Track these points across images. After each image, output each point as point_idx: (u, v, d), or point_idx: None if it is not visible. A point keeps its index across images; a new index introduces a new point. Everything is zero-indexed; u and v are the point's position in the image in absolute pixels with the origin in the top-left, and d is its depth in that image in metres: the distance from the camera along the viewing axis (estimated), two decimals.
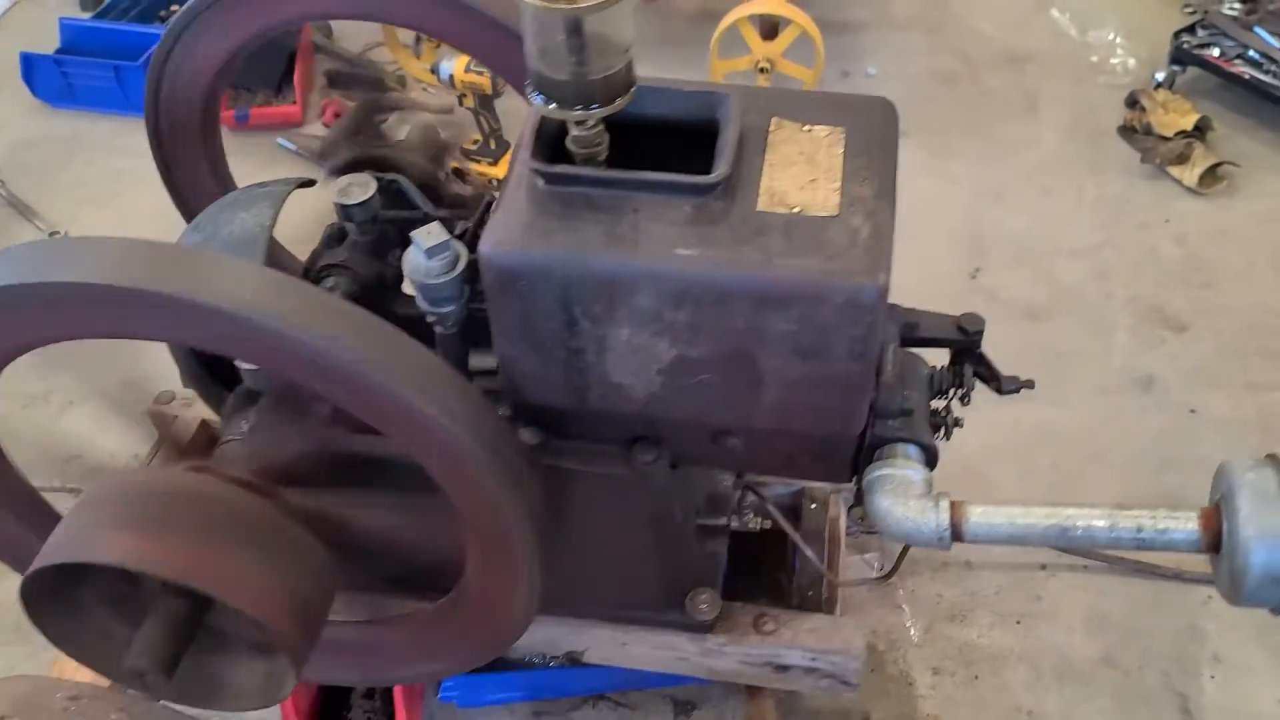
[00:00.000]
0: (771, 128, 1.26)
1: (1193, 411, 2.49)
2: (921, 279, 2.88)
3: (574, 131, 1.22)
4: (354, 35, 3.65)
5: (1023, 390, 1.53)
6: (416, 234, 1.23)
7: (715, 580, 1.64)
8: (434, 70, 2.96)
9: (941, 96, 3.39)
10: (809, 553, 1.56)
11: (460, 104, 3.02)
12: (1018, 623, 2.17)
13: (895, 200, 1.26)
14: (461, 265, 1.24)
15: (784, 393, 1.22)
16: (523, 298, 1.19)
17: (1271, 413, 2.47)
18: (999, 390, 1.45)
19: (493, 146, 3.07)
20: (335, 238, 1.61)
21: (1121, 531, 1.22)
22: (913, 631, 2.16)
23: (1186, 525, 1.20)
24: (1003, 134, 3.24)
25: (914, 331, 1.44)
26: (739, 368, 1.19)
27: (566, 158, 1.25)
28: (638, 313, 1.17)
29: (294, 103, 3.32)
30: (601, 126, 1.24)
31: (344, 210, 1.54)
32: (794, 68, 3.26)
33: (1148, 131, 3.13)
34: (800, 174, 1.21)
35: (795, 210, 1.17)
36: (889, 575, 1.60)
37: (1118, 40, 3.50)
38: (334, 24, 3.73)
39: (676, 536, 1.52)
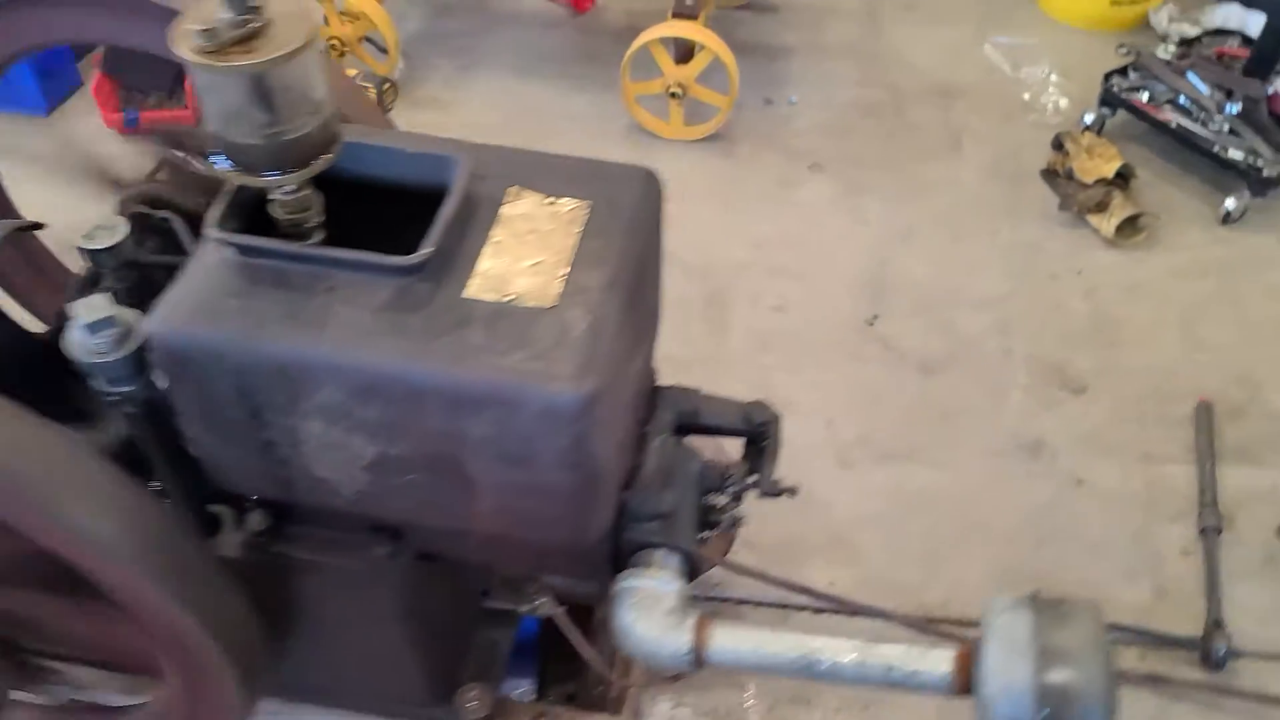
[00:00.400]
0: (509, 198, 1.13)
1: (1080, 482, 2.35)
2: (813, 323, 2.78)
3: (274, 196, 1.09)
4: None
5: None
6: (76, 305, 1.10)
7: (493, 673, 1.50)
8: None
9: (863, 129, 3.25)
10: (587, 653, 1.42)
11: None
12: (865, 708, 2.03)
13: (644, 286, 1.13)
14: (134, 343, 1.10)
15: (500, 498, 1.08)
16: (199, 383, 1.05)
17: (1161, 488, 2.33)
18: (759, 491, 1.31)
19: None
20: (88, 284, 1.48)
21: (870, 670, 1.09)
22: (753, 715, 2.03)
23: (939, 668, 1.07)
24: (921, 172, 3.10)
25: (695, 419, 1.31)
26: (446, 470, 1.06)
27: (270, 224, 1.11)
28: (325, 407, 1.04)
29: (185, 107, 3.18)
30: (309, 191, 1.11)
31: (89, 256, 1.41)
32: (708, 93, 3.13)
33: (1069, 176, 2.99)
34: (527, 254, 1.07)
35: (508, 299, 1.03)
36: (677, 678, 1.47)
37: (1052, 78, 3.36)
38: None
39: (438, 629, 1.39)
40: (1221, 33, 3.25)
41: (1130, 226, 2.87)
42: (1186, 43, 3.21)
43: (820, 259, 2.85)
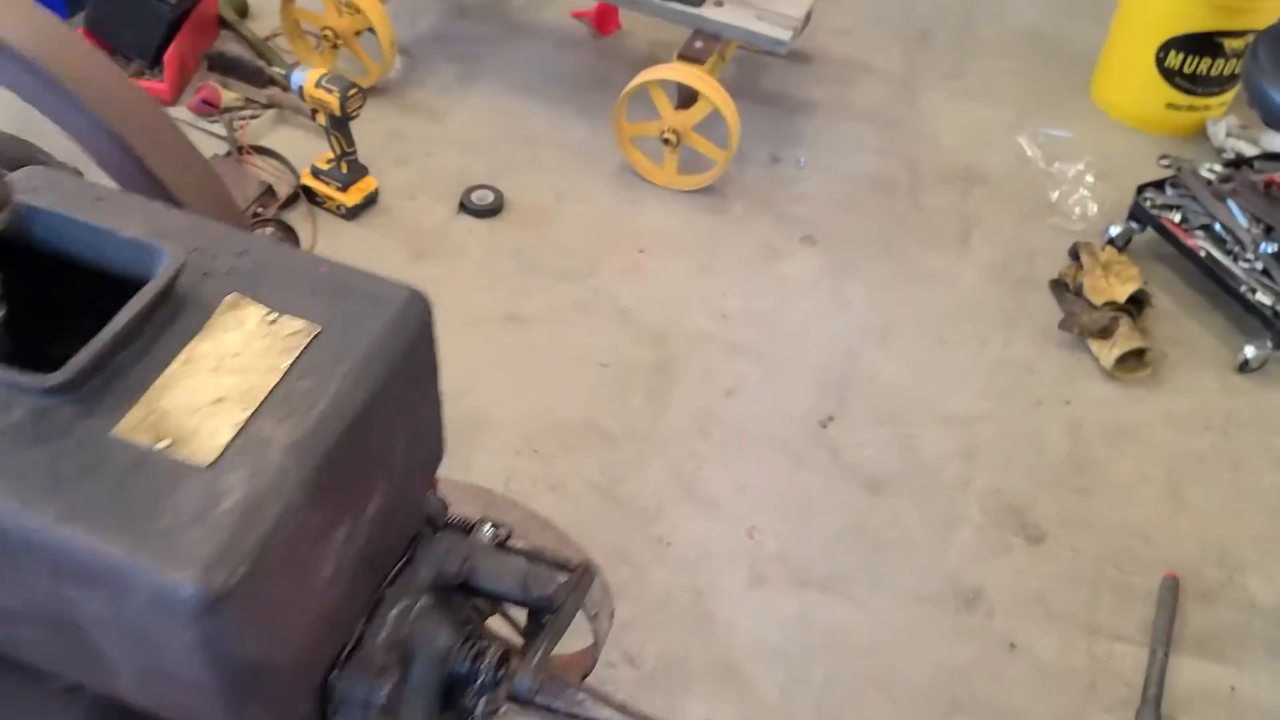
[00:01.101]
0: (222, 307, 0.93)
1: (1013, 646, 2.11)
2: (763, 414, 2.53)
3: None
4: (272, 15, 3.35)
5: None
6: None
7: None
8: (286, 77, 2.66)
9: (869, 204, 3.01)
10: None
11: (314, 119, 2.71)
12: None
13: (374, 441, 0.92)
14: None
15: (139, 678, 0.89)
16: None
17: (1103, 669, 2.08)
18: (509, 694, 1.09)
19: (343, 170, 2.76)
20: None
21: None
22: None
23: None
24: (920, 261, 2.86)
25: (462, 579, 1.10)
26: (70, 634, 0.87)
27: None
28: None
29: (164, 80, 3.04)
30: None
31: None
32: (705, 144, 2.91)
33: (1078, 293, 2.73)
34: (215, 386, 0.88)
35: (163, 445, 0.84)
36: None
37: (1086, 178, 3.09)
38: (253, 2, 3.46)
39: None
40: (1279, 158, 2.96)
41: (1134, 359, 2.60)
42: (1237, 163, 2.92)
43: (788, 343, 2.63)
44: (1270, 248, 2.59)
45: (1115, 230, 2.87)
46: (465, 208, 2.85)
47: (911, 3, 3.80)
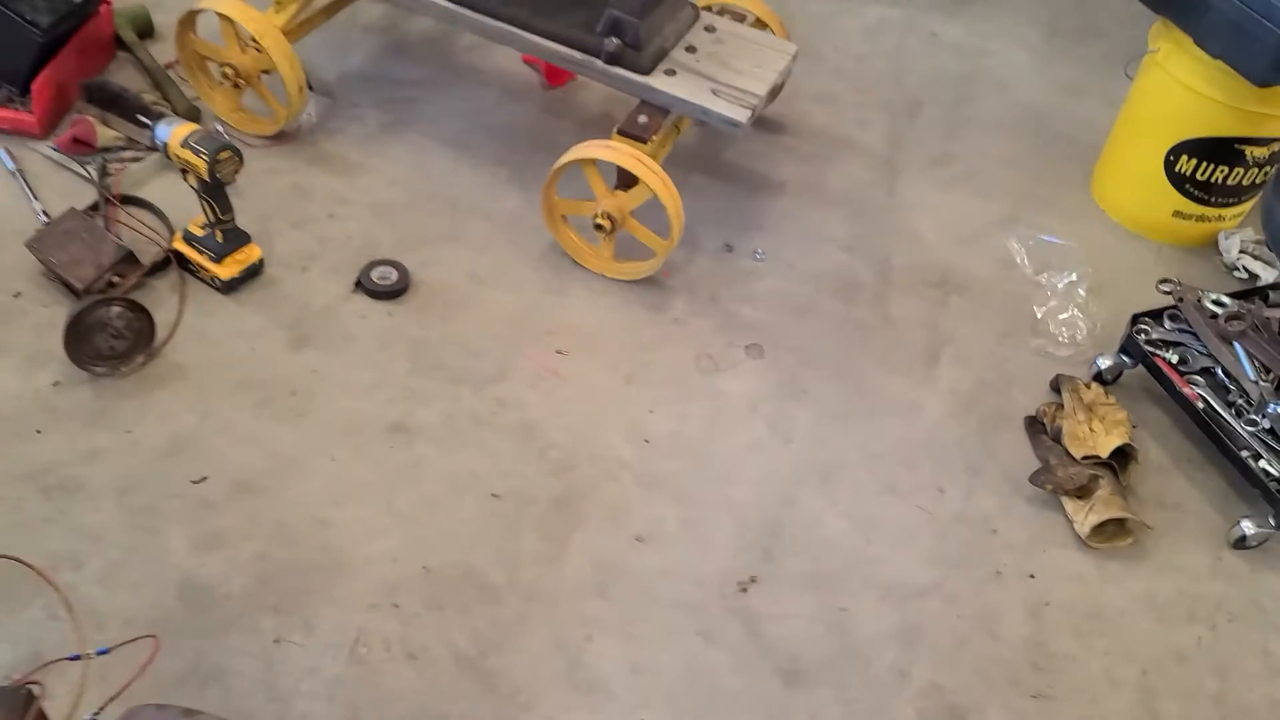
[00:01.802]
0: None
1: None
2: (674, 571, 2.08)
3: None
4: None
5: None
6: None
7: None
8: (150, 129, 2.29)
9: (828, 311, 2.65)
10: None
11: (184, 179, 2.35)
12: None
13: None
14: None
15: None
16: None
17: None
18: None
19: (219, 239, 2.39)
20: None
21: None
22: None
23: None
24: (880, 386, 2.50)
25: None
26: None
27: None
28: None
29: (31, 112, 2.66)
30: None
31: None
32: (645, 233, 2.55)
33: (1056, 437, 2.37)
34: None
35: None
36: None
37: (1078, 292, 2.72)
38: (158, 18, 3.08)
39: None
40: None
41: (1114, 526, 2.24)
42: (1249, 292, 2.56)
43: (714, 480, 2.26)
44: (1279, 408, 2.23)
45: (1104, 363, 2.51)
46: (363, 286, 2.49)
47: (906, 67, 3.44)
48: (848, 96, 3.30)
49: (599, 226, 2.51)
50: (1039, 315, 2.68)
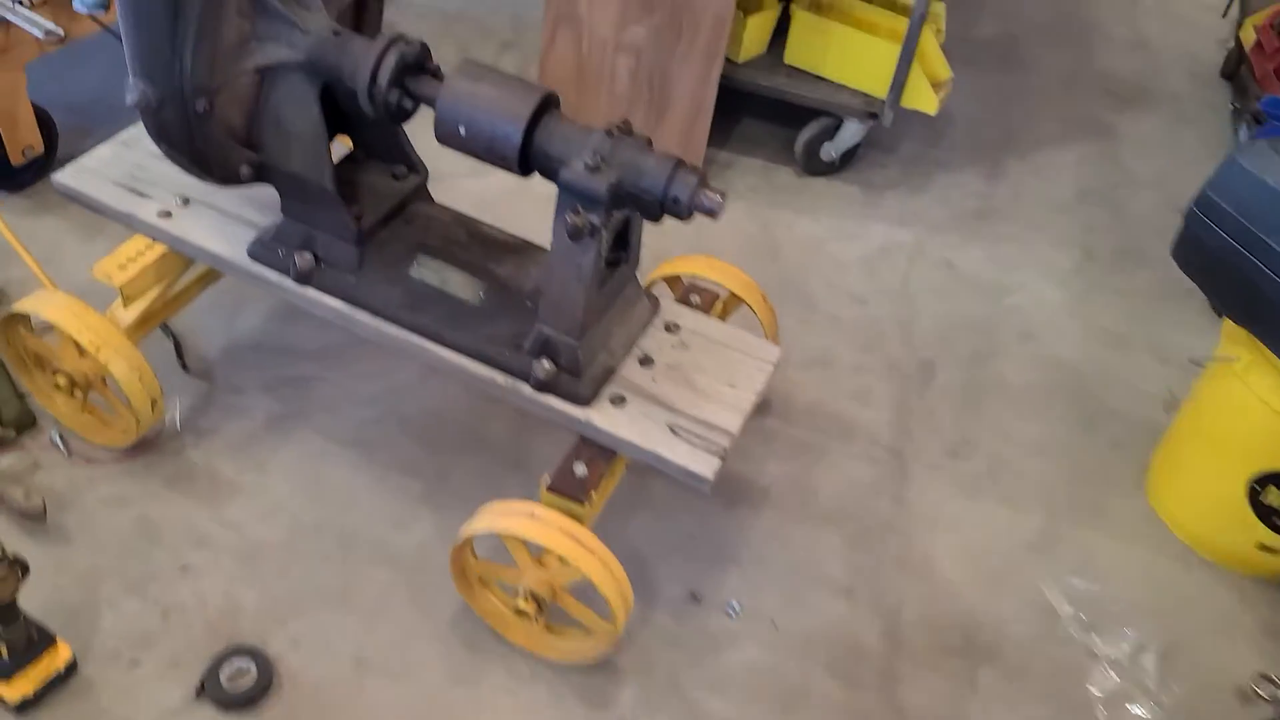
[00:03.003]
0: None
1: None
2: None
3: None
4: None
5: None
6: None
7: None
8: None
9: (821, 700, 2.04)
10: None
11: None
12: None
13: None
14: None
15: None
16: None
17: None
18: None
19: (3, 656, 1.80)
20: None
21: None
22: None
23: None
24: None
25: None
26: None
27: None
28: None
29: None
30: None
31: None
32: (583, 610, 1.96)
33: None
34: None
35: None
36: None
37: (1143, 662, 2.13)
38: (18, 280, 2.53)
39: None
40: None
41: None
42: None
43: None
44: None
45: None
46: (208, 692, 1.89)
47: (916, 312, 2.89)
48: (845, 357, 2.74)
49: (521, 612, 1.92)
50: (1097, 695, 2.08)
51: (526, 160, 1.81)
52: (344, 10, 2.02)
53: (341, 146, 2.09)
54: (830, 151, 3.23)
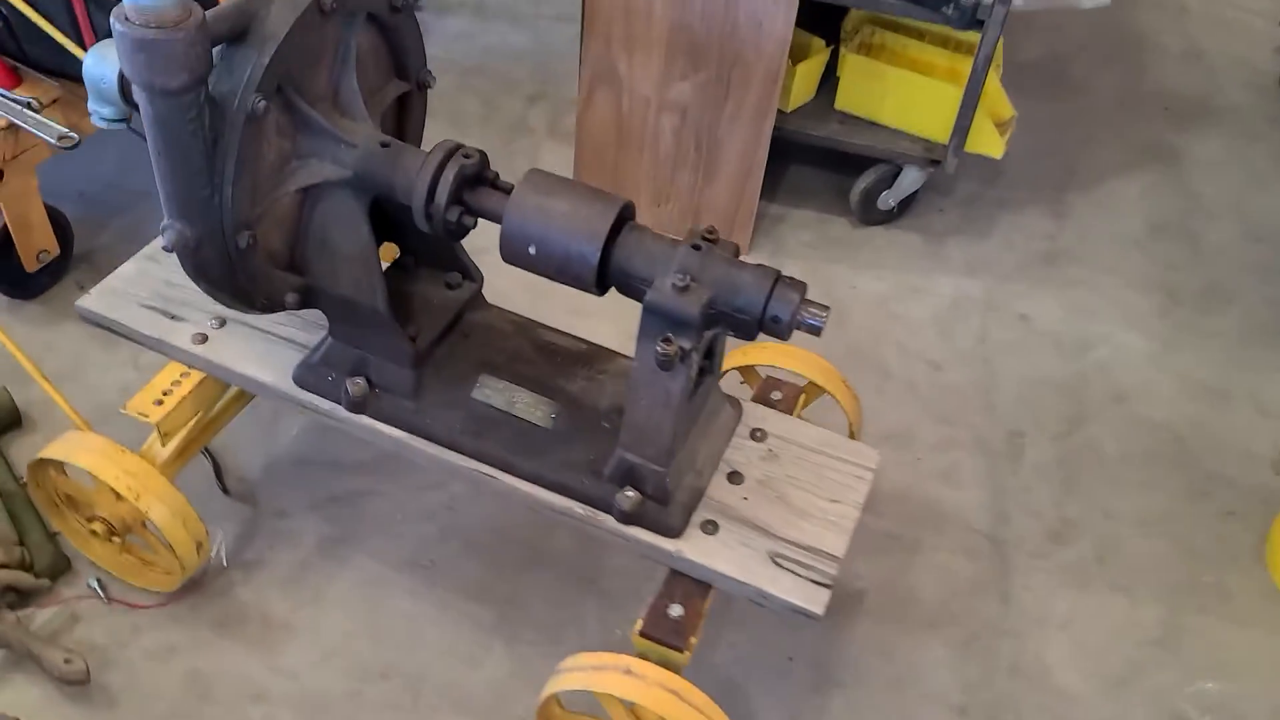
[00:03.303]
0: None
1: None
2: None
3: None
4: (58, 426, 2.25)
5: None
6: None
7: None
8: None
9: None
10: None
11: None
12: None
13: None
14: None
15: None
16: None
17: None
18: None
19: None
20: None
21: None
22: None
23: None
24: None
25: None
26: None
27: None
28: None
29: None
30: None
31: None
32: None
33: None
34: None
35: None
36: None
37: None
38: (24, 394, 2.36)
39: None
40: None
41: None
42: None
43: None
44: None
45: None
46: None
47: (996, 375, 2.70)
48: (926, 431, 2.55)
49: None
50: None
51: (604, 280, 1.63)
52: (385, 112, 1.84)
53: (387, 250, 1.91)
54: (889, 200, 3.05)
